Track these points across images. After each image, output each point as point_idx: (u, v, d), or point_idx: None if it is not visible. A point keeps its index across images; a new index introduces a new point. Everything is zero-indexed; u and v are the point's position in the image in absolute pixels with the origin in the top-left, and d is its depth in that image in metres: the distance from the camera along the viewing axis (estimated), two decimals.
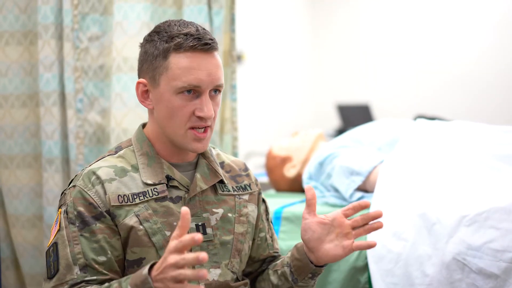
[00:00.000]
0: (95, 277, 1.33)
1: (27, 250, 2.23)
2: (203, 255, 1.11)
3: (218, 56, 1.41)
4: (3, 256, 2.27)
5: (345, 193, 2.21)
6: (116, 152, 1.47)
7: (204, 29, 1.41)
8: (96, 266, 1.34)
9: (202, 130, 1.40)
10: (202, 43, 1.36)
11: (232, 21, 2.35)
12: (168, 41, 1.37)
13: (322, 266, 1.46)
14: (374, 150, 2.37)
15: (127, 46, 2.18)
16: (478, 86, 5.64)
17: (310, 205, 1.40)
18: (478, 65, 5.64)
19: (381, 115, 5.88)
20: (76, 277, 1.32)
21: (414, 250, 1.88)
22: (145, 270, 1.21)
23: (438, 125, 2.32)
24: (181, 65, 1.36)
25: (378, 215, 1.36)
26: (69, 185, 1.43)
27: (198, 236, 1.12)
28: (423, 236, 1.87)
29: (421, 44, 5.97)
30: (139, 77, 1.45)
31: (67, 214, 1.37)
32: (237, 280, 1.49)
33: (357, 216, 1.39)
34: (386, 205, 2.01)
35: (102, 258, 1.35)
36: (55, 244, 1.36)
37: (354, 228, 1.39)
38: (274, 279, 1.53)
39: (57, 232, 1.38)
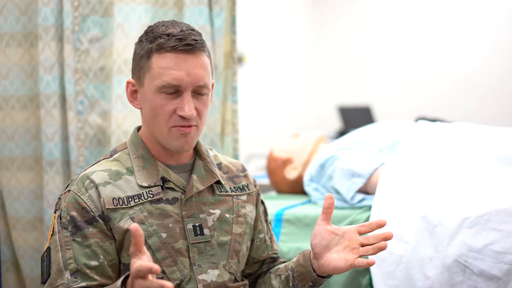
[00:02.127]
0: (84, 284, 1.33)
1: (28, 252, 2.23)
2: (169, 284, 1.11)
3: (205, 57, 1.41)
4: (4, 258, 2.26)
5: (346, 195, 2.21)
6: (111, 156, 1.48)
7: (192, 29, 1.41)
8: (88, 271, 1.34)
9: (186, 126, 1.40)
10: (183, 44, 1.37)
11: (233, 22, 2.35)
12: (152, 42, 1.39)
13: (324, 277, 1.45)
14: (375, 152, 2.37)
15: (127, 48, 2.18)
16: (479, 88, 5.63)
17: (326, 213, 1.41)
18: (479, 67, 5.64)
19: (382, 117, 5.88)
20: (66, 282, 1.32)
21: (415, 252, 1.87)
22: (118, 283, 1.22)
23: (439, 127, 2.32)
24: (162, 65, 1.37)
25: (389, 237, 1.36)
26: (65, 190, 1.44)
27: (156, 268, 1.12)
28: (425, 239, 1.87)
29: (422, 46, 5.97)
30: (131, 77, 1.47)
31: (60, 219, 1.38)
32: (235, 281, 1.49)
33: (370, 234, 1.39)
34: (387, 207, 2.01)
35: (94, 263, 1.35)
36: (48, 249, 1.37)
37: (363, 245, 1.38)
38: (275, 283, 1.52)
39: (50, 237, 1.38)
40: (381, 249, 1.35)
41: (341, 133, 5.21)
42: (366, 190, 2.21)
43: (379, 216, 2.01)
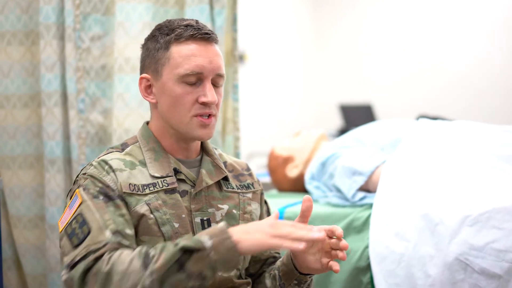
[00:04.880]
0: (127, 243, 1.29)
1: (29, 251, 2.23)
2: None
3: (218, 48, 1.44)
4: (5, 257, 2.27)
5: (347, 193, 2.21)
6: (123, 150, 1.47)
7: (203, 24, 1.45)
8: (126, 236, 1.31)
9: (207, 116, 1.41)
10: (202, 32, 1.40)
11: (234, 21, 2.35)
12: (169, 33, 1.41)
13: (307, 275, 1.46)
14: (377, 150, 2.37)
15: (128, 47, 2.18)
16: (480, 86, 5.63)
17: (303, 217, 1.39)
18: (480, 65, 5.63)
19: (383, 115, 5.88)
20: (109, 238, 1.27)
21: (416, 250, 1.87)
22: (221, 224, 1.23)
23: (440, 125, 2.32)
24: (183, 53, 1.39)
25: (344, 247, 1.36)
26: (77, 177, 1.41)
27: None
28: (426, 237, 1.87)
29: (423, 44, 5.97)
30: (141, 74, 1.47)
31: (88, 191, 1.35)
32: (240, 277, 1.49)
33: (333, 239, 1.38)
34: (388, 205, 2.01)
35: (129, 231, 1.32)
36: (79, 215, 1.31)
37: (332, 248, 1.39)
38: (268, 282, 1.53)
39: (79, 206, 1.33)
40: (342, 259, 1.38)
41: (342, 131, 5.20)
42: (367, 188, 2.21)
43: (380, 214, 2.01)
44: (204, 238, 1.20)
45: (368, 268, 2.00)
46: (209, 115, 1.41)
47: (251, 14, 5.33)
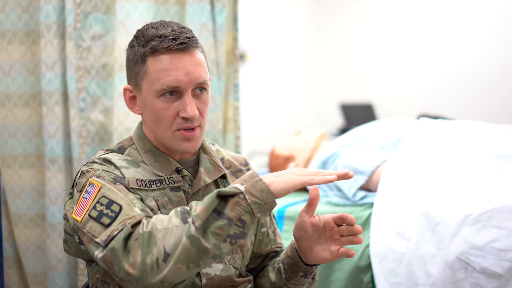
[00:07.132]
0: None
1: (30, 249, 2.23)
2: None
3: (199, 53, 1.40)
4: (6, 255, 2.27)
5: (348, 192, 2.21)
6: (121, 153, 1.46)
7: (182, 27, 1.40)
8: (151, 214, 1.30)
9: (190, 130, 1.39)
10: (177, 43, 1.35)
11: (234, 19, 2.35)
12: (144, 45, 1.37)
13: (312, 266, 1.46)
14: (377, 150, 2.37)
15: None
16: (481, 85, 5.62)
17: (311, 205, 1.40)
18: (481, 64, 5.63)
19: (384, 114, 5.88)
20: (139, 214, 1.26)
21: (417, 249, 1.87)
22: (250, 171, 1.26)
23: (441, 124, 2.32)
24: (158, 67, 1.35)
25: (359, 231, 1.38)
26: (80, 174, 1.40)
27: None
28: (427, 236, 1.87)
29: (424, 43, 5.96)
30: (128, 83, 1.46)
31: (103, 178, 1.33)
32: (240, 276, 1.49)
33: (344, 226, 1.40)
34: (389, 205, 2.01)
35: (150, 212, 1.31)
36: (103, 197, 1.30)
37: (342, 236, 1.40)
38: (272, 275, 1.53)
39: (98, 191, 1.31)
40: (358, 242, 1.39)
41: (343, 131, 5.21)
42: (368, 187, 2.21)
43: (381, 213, 2.01)
44: (237, 184, 1.21)
45: (369, 267, 2.00)
46: (193, 128, 1.39)
47: (252, 13, 5.33)
